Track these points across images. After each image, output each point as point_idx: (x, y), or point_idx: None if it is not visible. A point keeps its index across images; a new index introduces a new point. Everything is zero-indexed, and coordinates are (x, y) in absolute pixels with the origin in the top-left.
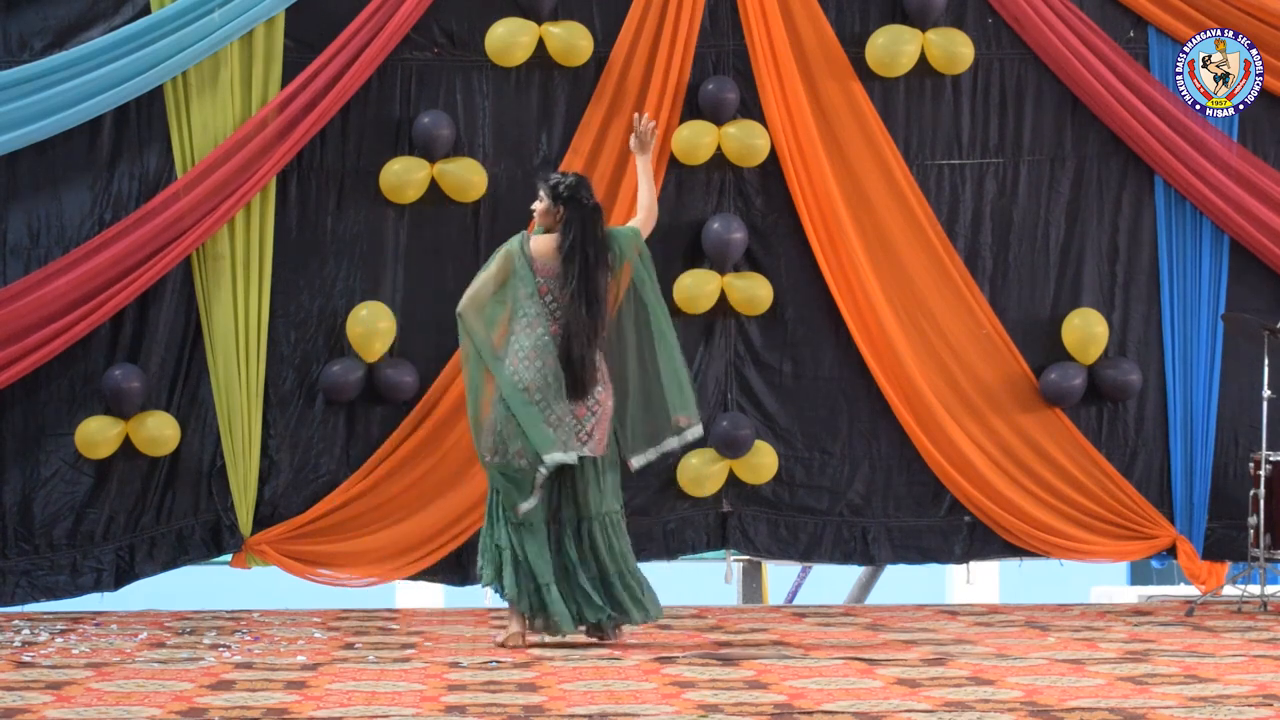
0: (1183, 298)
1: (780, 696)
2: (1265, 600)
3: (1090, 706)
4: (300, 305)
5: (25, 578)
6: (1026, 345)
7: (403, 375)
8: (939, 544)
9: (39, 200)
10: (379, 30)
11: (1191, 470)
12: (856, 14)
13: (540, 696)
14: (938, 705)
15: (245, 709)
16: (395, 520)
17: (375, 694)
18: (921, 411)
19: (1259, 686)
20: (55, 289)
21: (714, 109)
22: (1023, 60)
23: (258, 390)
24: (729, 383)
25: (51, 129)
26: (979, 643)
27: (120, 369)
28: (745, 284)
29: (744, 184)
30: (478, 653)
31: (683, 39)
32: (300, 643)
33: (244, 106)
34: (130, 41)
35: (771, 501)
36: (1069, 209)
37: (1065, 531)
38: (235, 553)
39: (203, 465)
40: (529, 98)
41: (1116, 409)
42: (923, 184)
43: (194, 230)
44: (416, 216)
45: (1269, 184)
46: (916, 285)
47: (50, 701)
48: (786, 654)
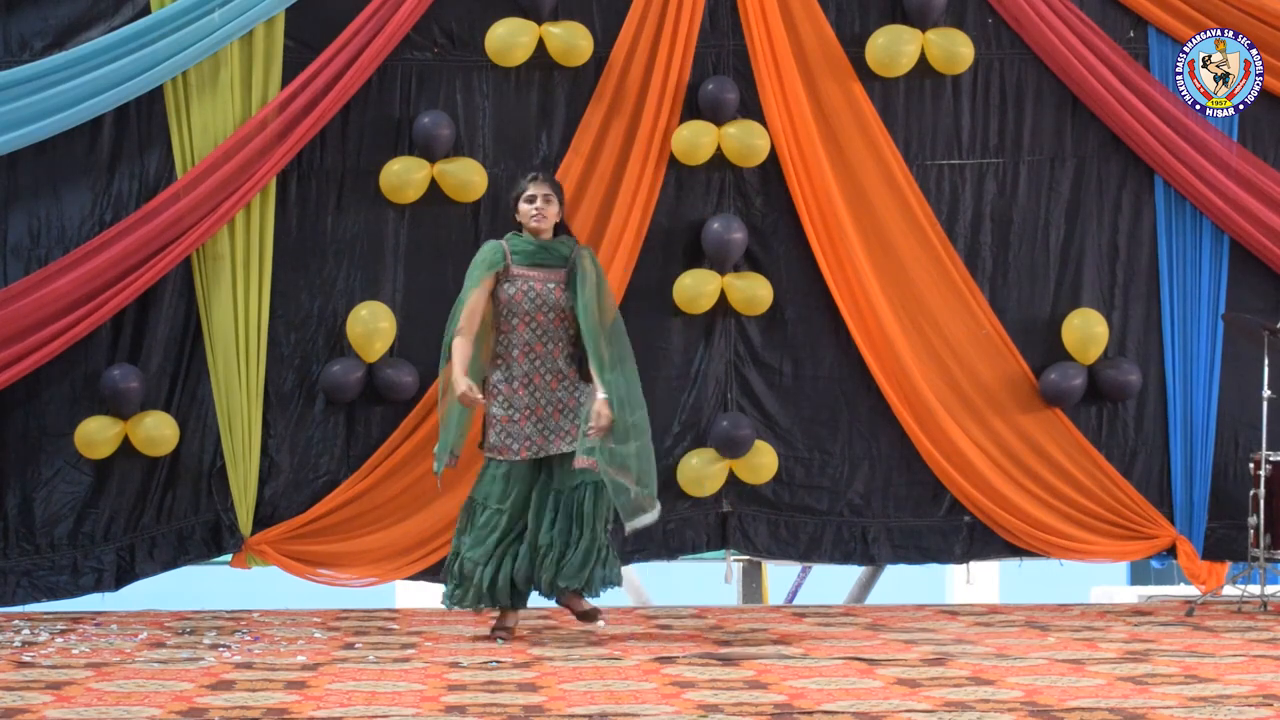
0: (1183, 298)
1: (780, 696)
2: (1265, 600)
3: (1090, 706)
4: (300, 305)
5: (26, 578)
6: (1026, 345)
7: (403, 375)
8: (939, 544)
9: (39, 200)
10: (379, 30)
11: (1191, 470)
12: (856, 14)
13: (540, 696)
14: (938, 705)
15: (245, 709)
16: (395, 520)
17: (375, 694)
18: (921, 411)
19: (1259, 686)
20: (55, 289)
21: (714, 109)
22: (1023, 60)
23: (258, 390)
24: (729, 383)
25: (51, 129)
26: (979, 643)
27: (119, 369)
28: (745, 284)
29: (744, 184)
30: (478, 653)
31: (683, 39)
32: (300, 643)
33: (244, 107)
34: (130, 41)
35: (771, 501)
36: (1069, 209)
37: (1065, 531)
38: (235, 553)
39: (203, 465)
40: (529, 98)
41: (1116, 409)
42: (923, 184)
43: (194, 230)
44: (416, 216)
45: (1269, 184)
46: (916, 285)
47: (50, 701)
48: (786, 654)
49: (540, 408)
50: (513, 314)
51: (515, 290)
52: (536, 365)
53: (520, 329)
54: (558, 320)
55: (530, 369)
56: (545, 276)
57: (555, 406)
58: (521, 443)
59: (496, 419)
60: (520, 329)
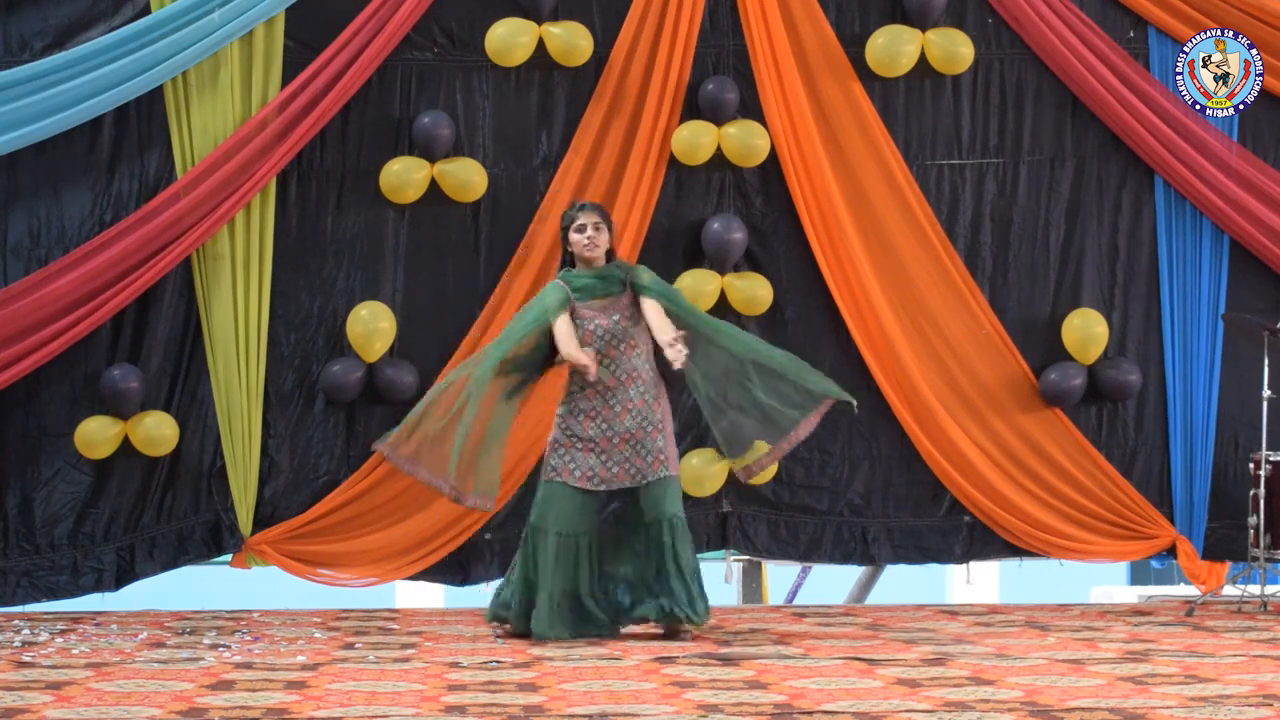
0: (1183, 298)
1: (780, 696)
2: (1265, 600)
3: (1090, 706)
4: (300, 305)
5: (26, 578)
6: (1026, 345)
7: (403, 375)
8: (939, 544)
9: (39, 201)
10: (379, 30)
11: (1191, 470)
12: (856, 14)
13: (540, 696)
14: (938, 705)
15: (245, 709)
16: (395, 520)
17: (375, 694)
18: (921, 411)
19: (1259, 686)
20: (56, 289)
21: (714, 109)
22: (1023, 60)
23: (258, 390)
24: None
25: (51, 129)
26: (979, 643)
27: (119, 369)
28: (745, 284)
29: (744, 184)
30: (478, 653)
31: (683, 39)
32: (300, 643)
33: (244, 107)
34: (130, 41)
35: (771, 501)
36: (1069, 209)
37: (1065, 531)
38: (235, 553)
39: (203, 465)
40: (529, 98)
41: (1116, 409)
42: (923, 184)
43: (194, 230)
44: (416, 216)
45: (1269, 184)
46: (916, 285)
47: (50, 701)
48: (786, 654)
49: (607, 440)
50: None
51: (583, 332)
52: (607, 398)
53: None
54: (629, 349)
55: (601, 404)
56: (608, 307)
57: (622, 438)
58: (584, 470)
59: (560, 444)
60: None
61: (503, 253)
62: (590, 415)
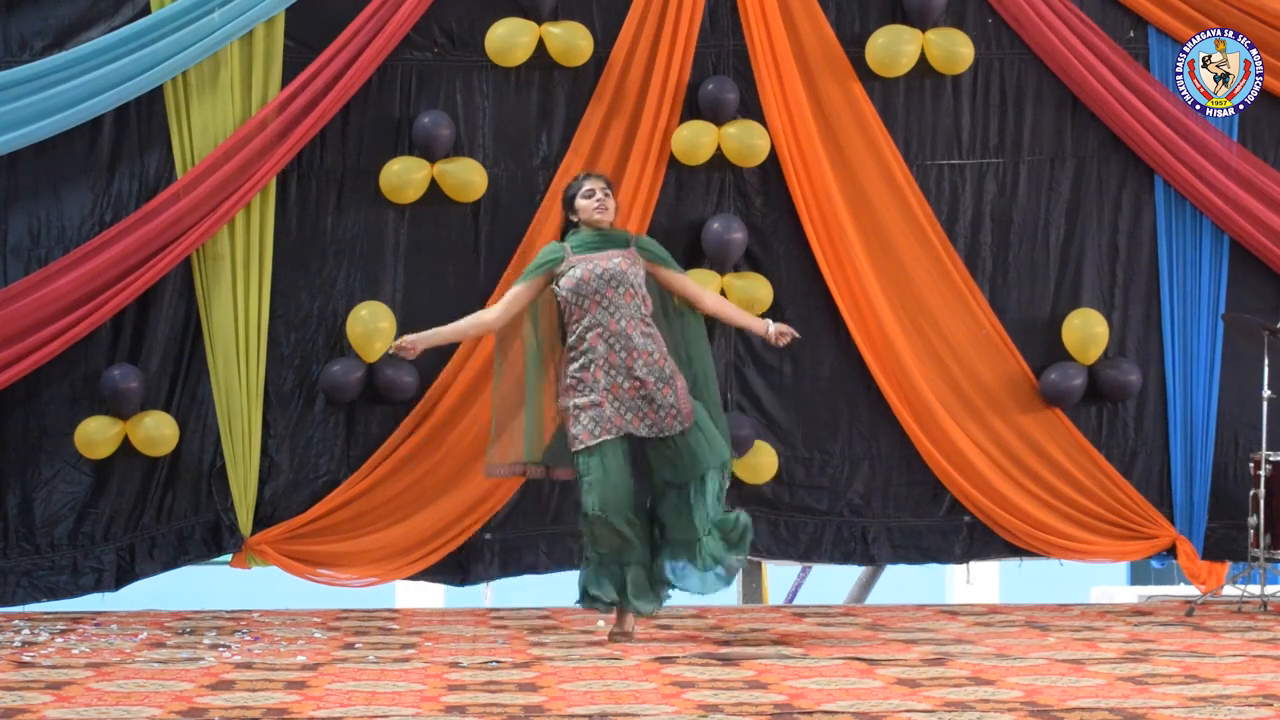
0: (1183, 298)
1: (780, 696)
2: (1265, 600)
3: (1090, 706)
4: (300, 305)
5: (26, 578)
6: (1026, 345)
7: (403, 375)
8: (939, 544)
9: (39, 200)
10: (379, 30)
11: (1191, 470)
12: (856, 14)
13: (540, 696)
14: (938, 705)
15: (245, 709)
16: (395, 520)
17: (375, 694)
18: (921, 411)
19: (1259, 686)
20: (56, 289)
21: (714, 109)
22: (1023, 60)
23: (258, 390)
24: (729, 383)
25: (51, 129)
26: (979, 643)
27: (119, 369)
28: (745, 284)
29: (744, 184)
30: (478, 653)
31: (683, 39)
32: (300, 643)
33: (244, 107)
34: (130, 41)
35: (771, 501)
36: (1069, 209)
37: (1065, 531)
38: (235, 553)
39: (203, 465)
40: (529, 98)
41: (1116, 409)
42: (923, 184)
43: (194, 230)
44: (416, 216)
45: (1269, 184)
46: (916, 285)
47: (50, 701)
48: (786, 654)
49: (618, 387)
50: (583, 296)
51: (582, 271)
52: (612, 344)
53: (593, 310)
54: (629, 295)
55: (606, 350)
56: (609, 254)
57: (633, 385)
58: (603, 425)
59: (579, 409)
60: (593, 310)
61: (503, 253)
62: (601, 365)
